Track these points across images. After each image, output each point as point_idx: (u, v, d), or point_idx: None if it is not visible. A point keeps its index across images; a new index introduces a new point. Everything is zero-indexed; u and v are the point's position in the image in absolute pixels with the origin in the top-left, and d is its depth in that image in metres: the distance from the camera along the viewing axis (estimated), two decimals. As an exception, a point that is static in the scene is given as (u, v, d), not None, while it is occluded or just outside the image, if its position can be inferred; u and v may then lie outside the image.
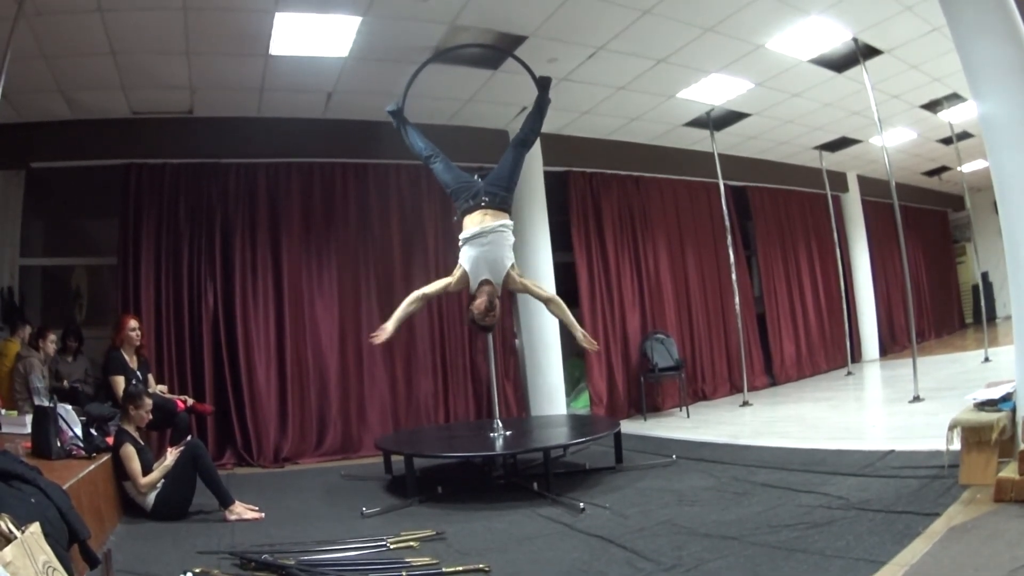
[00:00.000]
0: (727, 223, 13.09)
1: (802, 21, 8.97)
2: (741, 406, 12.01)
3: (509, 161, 6.86)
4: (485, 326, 6.67)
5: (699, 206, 14.40)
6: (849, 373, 15.03)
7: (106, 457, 6.47)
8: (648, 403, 12.25)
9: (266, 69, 8.93)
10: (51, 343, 8.72)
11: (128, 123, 9.86)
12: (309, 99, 10.02)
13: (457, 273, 6.60)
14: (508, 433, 8.22)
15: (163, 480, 6.55)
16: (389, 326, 6.61)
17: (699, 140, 13.20)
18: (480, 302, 6.39)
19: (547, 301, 6.95)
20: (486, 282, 6.48)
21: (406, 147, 7.32)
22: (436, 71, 8.57)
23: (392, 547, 5.31)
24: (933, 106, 12.86)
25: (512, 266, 6.60)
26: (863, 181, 17.82)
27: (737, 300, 12.89)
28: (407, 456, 7.35)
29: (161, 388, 8.64)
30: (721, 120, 12.49)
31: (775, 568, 4.18)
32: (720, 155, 12.83)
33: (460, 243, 6.69)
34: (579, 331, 6.91)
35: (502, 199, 6.69)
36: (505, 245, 6.58)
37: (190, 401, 8.74)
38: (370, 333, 10.45)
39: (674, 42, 9.27)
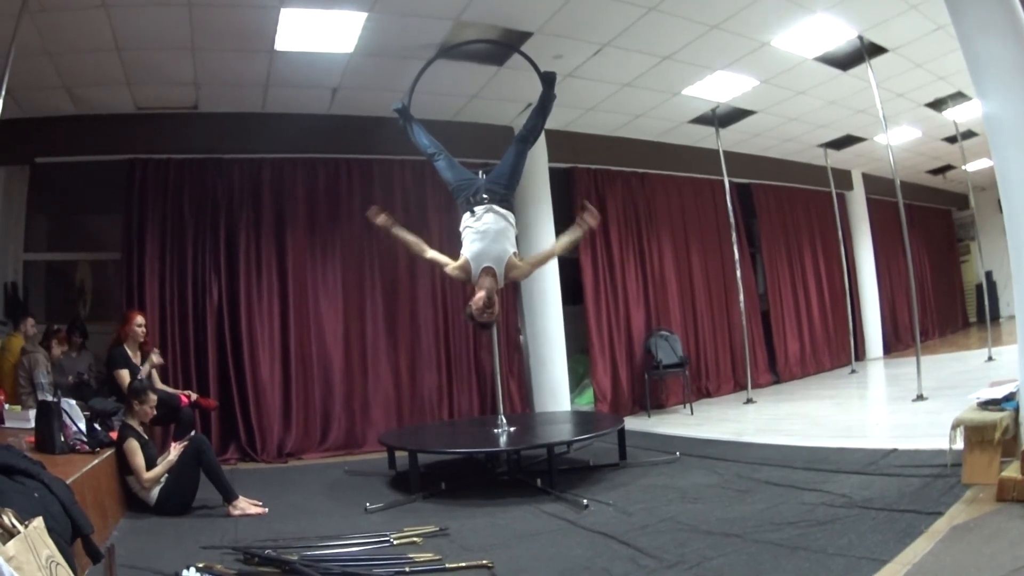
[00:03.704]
0: (732, 220, 13.10)
1: (808, 19, 8.96)
2: (745, 403, 12.02)
3: (511, 158, 6.87)
4: (484, 323, 6.65)
5: (704, 203, 14.41)
6: (853, 371, 15.03)
7: (110, 452, 6.48)
8: (652, 400, 12.29)
9: (271, 65, 8.93)
10: (60, 351, 8.76)
11: (132, 119, 9.86)
12: (314, 95, 10.02)
13: (459, 261, 6.60)
14: (512, 429, 8.24)
15: (167, 475, 6.57)
16: (388, 220, 6.83)
17: (704, 137, 13.21)
18: (479, 297, 6.37)
19: (552, 255, 7.00)
20: (488, 271, 6.47)
21: (411, 143, 7.34)
22: (441, 67, 8.59)
23: (395, 543, 5.32)
24: (938, 104, 12.86)
25: (513, 255, 6.60)
26: (868, 179, 17.79)
27: (741, 297, 12.89)
28: (411, 452, 7.35)
29: (156, 359, 8.62)
30: (726, 117, 12.48)
31: (777, 566, 4.18)
32: (725, 152, 12.83)
33: (461, 238, 6.70)
34: (578, 228, 6.87)
35: (502, 196, 6.69)
36: (506, 239, 6.59)
37: (194, 396, 8.77)
38: (374, 329, 10.57)
39: (680, 39, 9.26)
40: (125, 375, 8.15)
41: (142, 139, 9.95)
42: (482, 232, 6.54)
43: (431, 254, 6.84)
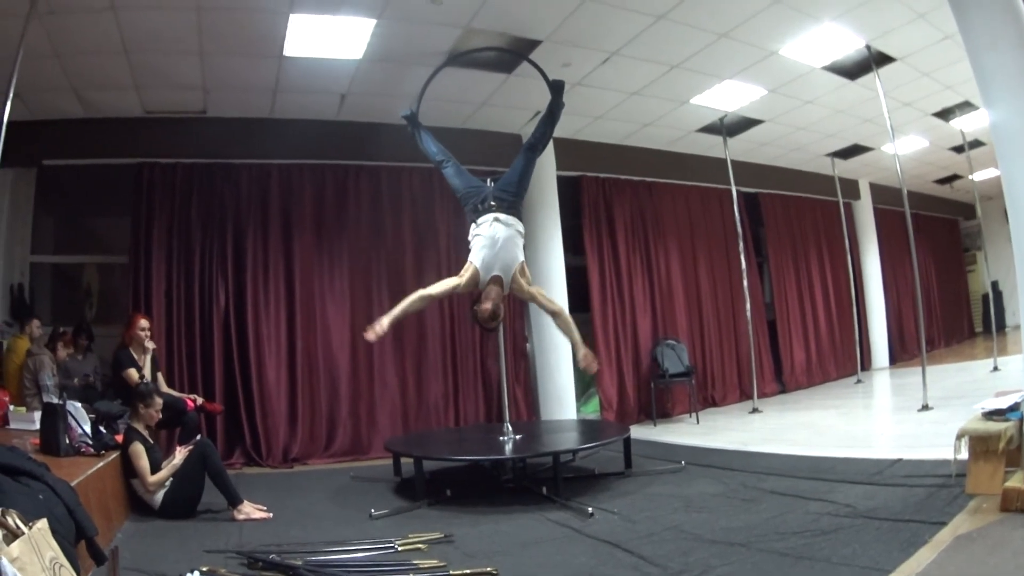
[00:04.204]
0: (739, 229, 13.09)
1: (815, 28, 8.96)
2: (751, 413, 12.00)
3: (519, 166, 6.86)
4: (489, 329, 6.71)
5: (711, 212, 14.41)
6: (859, 381, 15.00)
7: (115, 455, 6.49)
8: (658, 409, 12.26)
9: (280, 70, 8.95)
10: (66, 354, 8.78)
11: (140, 122, 9.89)
12: (322, 101, 10.04)
13: (467, 273, 6.58)
14: (518, 437, 8.21)
15: (171, 479, 6.58)
16: (385, 322, 6.52)
17: (712, 146, 13.19)
18: (486, 307, 6.38)
19: (554, 314, 6.94)
20: (496, 280, 6.47)
21: (419, 150, 7.34)
22: (450, 74, 8.59)
23: (400, 549, 5.32)
24: (945, 114, 12.84)
25: (522, 265, 6.61)
26: (875, 188, 17.80)
27: (748, 306, 12.87)
28: (416, 458, 7.34)
29: (149, 344, 8.64)
30: (734, 126, 12.49)
31: (782, 575, 4.18)
32: (733, 161, 12.83)
33: (470, 245, 6.70)
34: (581, 350, 6.85)
35: (510, 204, 6.69)
36: (516, 247, 6.59)
37: (199, 400, 8.75)
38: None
39: (688, 48, 9.27)
40: (133, 373, 8.17)
41: (150, 143, 9.98)
42: (490, 240, 6.54)
43: (437, 290, 6.74)
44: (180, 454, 6.66)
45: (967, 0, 5.73)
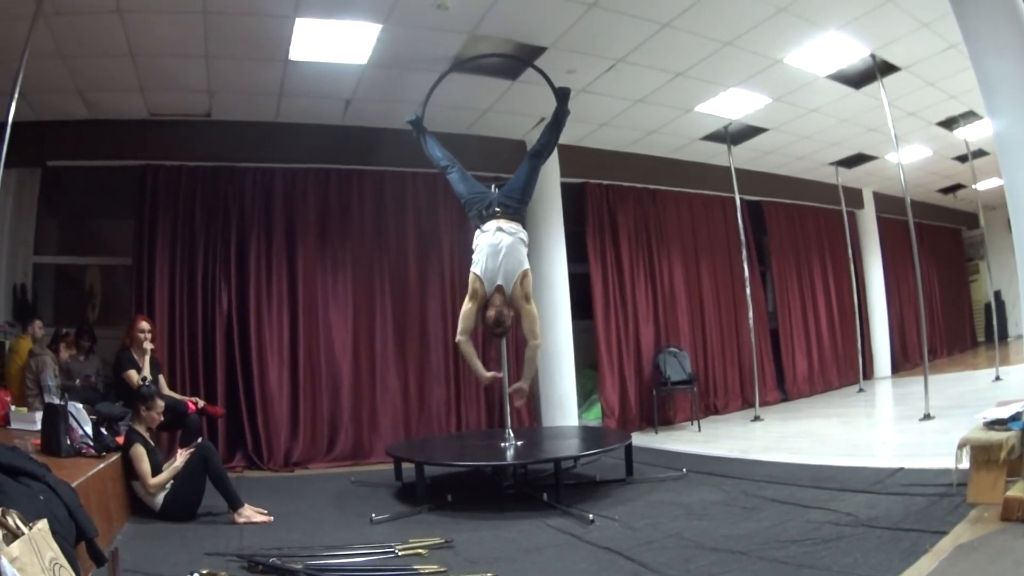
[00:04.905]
0: (742, 238, 13.09)
1: (820, 37, 8.96)
2: (752, 421, 11.98)
3: (524, 172, 6.91)
4: (495, 334, 6.78)
5: (715, 220, 14.39)
6: (861, 390, 14.96)
7: (116, 456, 6.49)
8: (660, 416, 12.23)
9: (285, 74, 8.96)
10: (68, 355, 8.78)
11: (145, 124, 9.90)
12: (327, 105, 10.05)
13: (476, 286, 6.65)
14: (519, 443, 8.20)
15: (172, 481, 6.57)
16: (501, 375, 6.90)
17: (716, 154, 13.18)
18: (489, 314, 6.54)
19: (527, 341, 7.02)
20: (499, 289, 6.54)
21: (424, 155, 7.36)
22: (455, 80, 8.62)
23: (401, 554, 5.30)
24: (949, 123, 12.83)
25: (525, 272, 6.65)
26: (878, 198, 17.77)
27: (751, 315, 12.87)
28: (418, 464, 7.33)
29: (147, 346, 8.67)
30: (738, 135, 12.48)
31: (782, 583, 4.18)
32: (736, 169, 12.83)
33: (473, 252, 6.72)
34: (523, 382, 7.10)
35: (515, 210, 6.74)
36: (519, 255, 6.61)
37: (201, 403, 8.76)
38: (383, 340, 10.55)
39: (692, 56, 9.27)
40: (133, 375, 8.23)
41: (154, 145, 9.99)
42: (493, 248, 6.57)
43: (467, 324, 6.94)
44: (181, 457, 6.66)
45: (971, 9, 5.74)
